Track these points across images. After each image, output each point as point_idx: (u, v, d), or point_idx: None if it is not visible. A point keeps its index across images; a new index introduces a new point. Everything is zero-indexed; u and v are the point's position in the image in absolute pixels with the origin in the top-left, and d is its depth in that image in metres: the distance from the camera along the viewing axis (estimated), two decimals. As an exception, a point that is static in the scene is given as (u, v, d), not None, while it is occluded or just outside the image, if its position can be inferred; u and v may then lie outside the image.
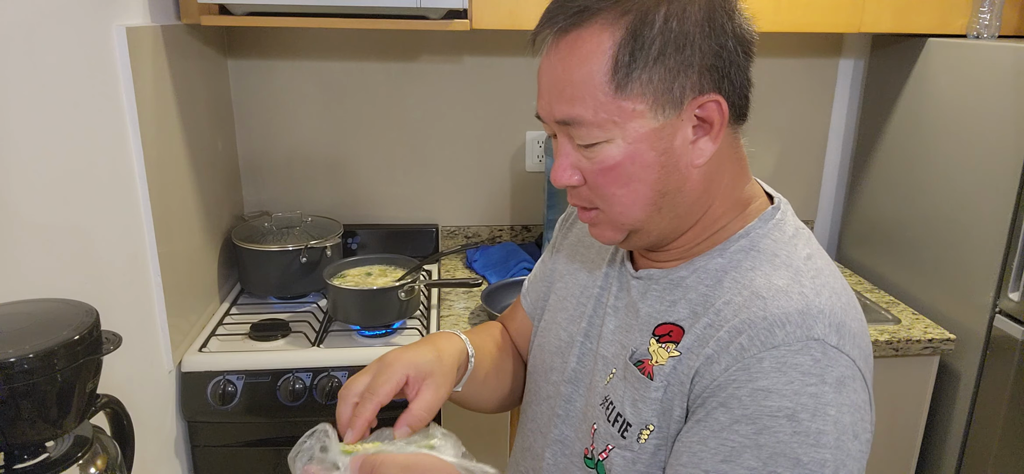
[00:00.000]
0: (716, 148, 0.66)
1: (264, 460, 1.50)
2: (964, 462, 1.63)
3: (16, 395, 0.68)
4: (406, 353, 0.78)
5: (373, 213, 2.01)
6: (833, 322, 0.62)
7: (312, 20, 1.45)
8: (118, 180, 1.21)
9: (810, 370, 0.60)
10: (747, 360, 0.61)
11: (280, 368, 1.44)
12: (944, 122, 1.65)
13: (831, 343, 0.61)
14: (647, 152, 0.65)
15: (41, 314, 0.76)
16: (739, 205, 0.72)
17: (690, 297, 0.70)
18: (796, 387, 0.59)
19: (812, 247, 0.70)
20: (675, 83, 0.63)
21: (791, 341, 0.61)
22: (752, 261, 0.68)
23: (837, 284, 0.67)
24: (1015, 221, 1.46)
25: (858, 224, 2.02)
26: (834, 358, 0.60)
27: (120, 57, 1.21)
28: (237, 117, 1.89)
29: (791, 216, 0.73)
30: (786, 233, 0.70)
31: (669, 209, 0.69)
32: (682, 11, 0.63)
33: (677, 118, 0.65)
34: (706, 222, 0.71)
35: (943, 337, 1.56)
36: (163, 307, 1.36)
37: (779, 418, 0.59)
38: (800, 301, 0.63)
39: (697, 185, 0.68)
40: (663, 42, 0.62)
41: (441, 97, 1.93)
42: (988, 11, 1.63)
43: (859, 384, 0.62)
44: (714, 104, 0.65)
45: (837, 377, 0.60)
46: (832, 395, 0.59)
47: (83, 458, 0.78)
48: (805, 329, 0.61)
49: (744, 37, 0.66)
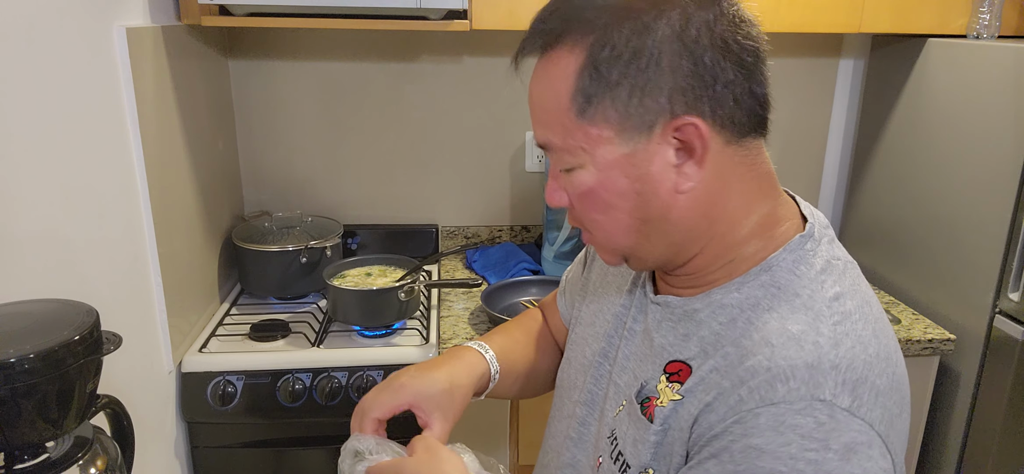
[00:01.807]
0: (703, 173, 0.61)
1: (264, 461, 1.50)
2: (964, 462, 1.63)
3: (16, 395, 0.68)
4: (418, 379, 0.79)
5: (373, 213, 2.01)
6: (848, 379, 0.56)
7: (312, 20, 1.45)
8: (118, 180, 1.21)
9: (811, 434, 0.54)
10: (743, 414, 0.57)
11: (280, 368, 1.44)
12: (944, 122, 1.65)
13: (841, 405, 0.54)
14: (619, 179, 0.62)
15: (41, 314, 0.76)
16: (763, 229, 0.65)
17: (702, 334, 0.65)
18: (793, 451, 0.53)
19: (844, 283, 0.62)
20: (642, 106, 0.59)
21: (793, 399, 0.55)
22: (771, 300, 0.62)
23: (867, 331, 0.59)
24: (1015, 221, 1.46)
25: (858, 224, 2.02)
26: (843, 423, 0.54)
27: (120, 57, 1.21)
28: (237, 117, 1.90)
29: (826, 244, 0.65)
30: (814, 267, 0.63)
31: (658, 236, 0.65)
32: (646, 28, 0.58)
33: (649, 143, 0.60)
34: (719, 249, 0.65)
35: (943, 337, 1.56)
36: (163, 307, 1.36)
37: None
38: (812, 353, 0.57)
39: (688, 211, 0.63)
40: (625, 64, 0.58)
41: (441, 97, 1.93)
42: (988, 11, 1.63)
43: (878, 451, 0.55)
44: (691, 127, 0.59)
45: (845, 444, 0.54)
46: (837, 464, 0.53)
47: (83, 458, 0.78)
48: (811, 387, 0.55)
49: (733, 48, 0.59)
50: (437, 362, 0.82)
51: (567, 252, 1.82)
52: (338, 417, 1.46)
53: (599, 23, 0.59)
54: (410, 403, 0.77)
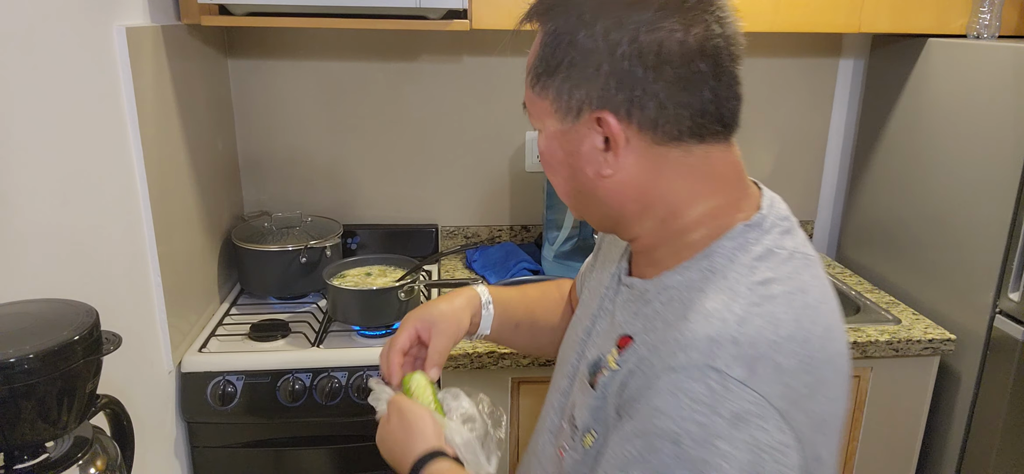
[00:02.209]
0: (623, 163, 0.67)
1: (264, 461, 1.50)
2: (964, 462, 1.63)
3: (16, 395, 0.68)
4: (421, 310, 0.95)
5: (373, 213, 2.01)
6: (746, 354, 0.59)
7: (312, 20, 1.45)
8: (118, 180, 1.21)
9: (701, 398, 0.58)
10: (650, 378, 0.62)
11: (280, 368, 1.44)
12: (944, 122, 1.65)
13: (734, 376, 0.58)
14: (557, 150, 0.71)
15: (41, 314, 0.76)
16: (711, 218, 0.69)
17: (647, 312, 0.71)
18: (685, 413, 0.58)
19: (780, 271, 0.65)
20: (574, 94, 0.66)
21: (689, 367, 0.60)
22: (704, 282, 0.66)
23: (786, 315, 0.62)
24: (1015, 221, 1.46)
25: (858, 224, 2.02)
26: (735, 392, 0.58)
27: (120, 57, 1.21)
28: (237, 117, 1.89)
29: (775, 234, 0.69)
30: (751, 254, 0.67)
31: (592, 207, 0.73)
32: (586, 27, 0.64)
33: (577, 126, 0.67)
34: (663, 233, 0.71)
35: (943, 337, 1.56)
36: (163, 307, 1.36)
37: (664, 440, 0.58)
38: (718, 327, 0.61)
39: (614, 194, 0.69)
40: (564, 53, 0.66)
41: (441, 97, 1.93)
42: (988, 11, 1.63)
43: (772, 425, 0.58)
44: (607, 123, 0.65)
45: (734, 412, 0.57)
46: (725, 428, 0.57)
47: (83, 458, 0.78)
48: (708, 357, 0.59)
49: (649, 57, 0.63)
50: (440, 298, 0.98)
51: (567, 252, 1.82)
52: (338, 417, 1.46)
53: (561, 12, 0.67)
54: (416, 328, 0.93)
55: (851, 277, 1.92)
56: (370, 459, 1.52)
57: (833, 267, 1.99)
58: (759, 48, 1.97)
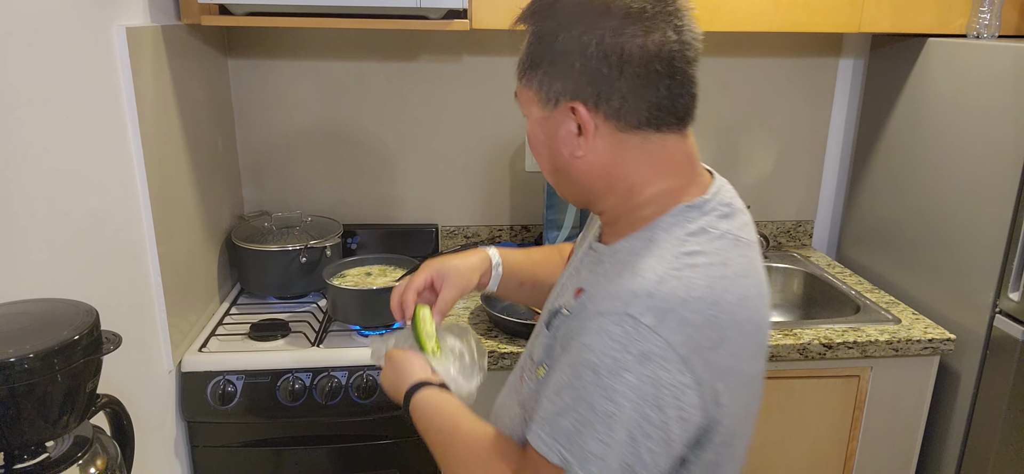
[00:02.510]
0: (592, 146, 0.78)
1: (264, 460, 1.50)
2: (964, 462, 1.63)
3: (16, 395, 0.68)
4: (436, 261, 1.08)
5: (373, 213, 2.01)
6: (658, 306, 0.71)
7: (312, 20, 1.45)
8: (118, 180, 1.21)
9: (617, 338, 0.71)
10: (584, 319, 0.75)
11: (280, 368, 1.44)
12: (944, 122, 1.65)
13: (644, 322, 0.70)
14: (539, 133, 0.83)
15: (41, 314, 0.76)
16: (661, 198, 0.81)
17: (599, 270, 0.83)
18: (604, 349, 0.71)
19: (709, 247, 0.77)
20: (553, 86, 0.78)
21: (611, 312, 0.72)
22: (644, 249, 0.78)
23: (702, 281, 0.73)
24: (1015, 221, 1.46)
25: (858, 224, 2.02)
26: (644, 336, 0.70)
27: (120, 57, 1.21)
28: (237, 117, 1.90)
29: (714, 217, 0.80)
30: (687, 229, 0.78)
31: (567, 183, 0.85)
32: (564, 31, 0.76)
33: (555, 113, 0.79)
34: (622, 208, 0.83)
35: (943, 337, 1.56)
36: (163, 307, 1.36)
37: (587, 369, 0.72)
38: (640, 283, 0.73)
39: (585, 173, 0.81)
40: (547, 52, 0.78)
41: (441, 97, 1.93)
42: (988, 11, 1.63)
43: (674, 367, 0.70)
44: (578, 111, 0.77)
45: (642, 351, 0.70)
46: (633, 364, 0.70)
47: (83, 458, 0.78)
48: (626, 305, 0.72)
49: (613, 57, 0.74)
50: (455, 254, 1.10)
51: (567, 252, 1.82)
52: (338, 417, 1.46)
53: (544, 17, 0.78)
54: (432, 275, 1.07)
55: (851, 277, 1.92)
56: (370, 459, 1.52)
57: (833, 267, 1.99)
58: (759, 48, 1.97)
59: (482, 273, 1.12)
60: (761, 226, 2.12)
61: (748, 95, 2.01)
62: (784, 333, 1.55)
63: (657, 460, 0.72)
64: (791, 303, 1.99)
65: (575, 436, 0.72)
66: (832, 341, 1.52)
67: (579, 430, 0.72)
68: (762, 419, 1.59)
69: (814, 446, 1.63)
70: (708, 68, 2.03)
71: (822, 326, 1.60)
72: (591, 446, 0.71)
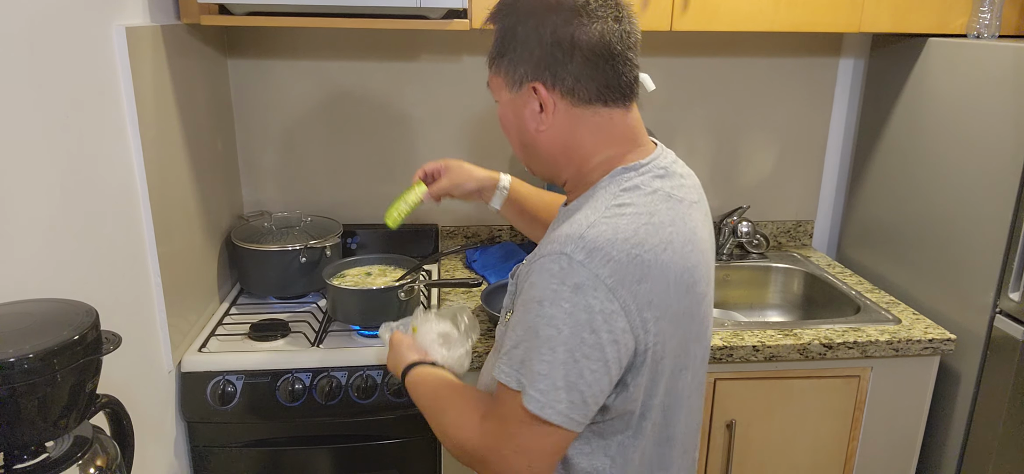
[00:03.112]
0: (552, 121, 0.91)
1: (264, 460, 1.50)
2: (964, 462, 1.63)
3: (16, 395, 0.68)
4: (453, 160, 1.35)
5: (373, 213, 2.01)
6: (587, 246, 0.83)
7: (312, 20, 1.45)
8: (118, 180, 1.21)
9: (554, 274, 0.83)
10: (531, 264, 0.88)
11: (280, 368, 1.44)
12: (944, 122, 1.65)
13: (577, 259, 0.82)
14: (509, 114, 0.96)
15: (41, 314, 0.76)
16: (607, 164, 0.93)
17: (555, 225, 0.95)
18: (545, 283, 0.83)
19: (638, 200, 0.88)
20: (517, 71, 0.91)
21: (550, 254, 0.84)
22: (584, 203, 0.91)
23: (628, 227, 0.85)
24: (1015, 221, 1.46)
25: (858, 224, 2.02)
26: (577, 270, 0.82)
27: (120, 57, 1.21)
28: (237, 117, 1.89)
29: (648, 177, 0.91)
30: (621, 185, 0.90)
31: (534, 157, 0.97)
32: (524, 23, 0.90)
33: (520, 95, 0.92)
34: (578, 175, 0.95)
35: (943, 337, 1.56)
36: (163, 307, 1.36)
37: (533, 303, 0.84)
38: (574, 229, 0.85)
39: (548, 145, 0.94)
40: (511, 43, 0.91)
41: (441, 97, 1.93)
42: (988, 10, 1.63)
43: (602, 295, 0.81)
44: (539, 91, 0.90)
45: (575, 283, 0.81)
46: (568, 294, 0.81)
47: (83, 458, 0.78)
48: (562, 246, 0.84)
49: (565, 44, 0.87)
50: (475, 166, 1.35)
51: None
52: (338, 417, 1.46)
53: (506, 14, 0.92)
54: (442, 164, 1.34)
55: (851, 277, 1.92)
56: (370, 459, 1.52)
57: (833, 267, 1.99)
58: (759, 48, 1.97)
59: (485, 185, 1.33)
60: (761, 226, 2.12)
61: (748, 95, 2.01)
62: (784, 333, 1.55)
63: (598, 378, 0.83)
64: (791, 303, 1.99)
65: (526, 361, 0.84)
66: (832, 341, 1.52)
67: (529, 355, 0.84)
68: (762, 419, 1.59)
69: (814, 446, 1.63)
70: (708, 68, 2.04)
71: (822, 326, 1.60)
72: (538, 367, 0.83)
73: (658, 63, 1.93)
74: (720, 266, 2.00)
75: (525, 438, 0.86)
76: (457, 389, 1.03)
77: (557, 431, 0.85)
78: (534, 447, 0.86)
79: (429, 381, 1.08)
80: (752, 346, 1.51)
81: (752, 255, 2.04)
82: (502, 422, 0.88)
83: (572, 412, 0.84)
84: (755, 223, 2.06)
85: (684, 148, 2.03)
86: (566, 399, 0.83)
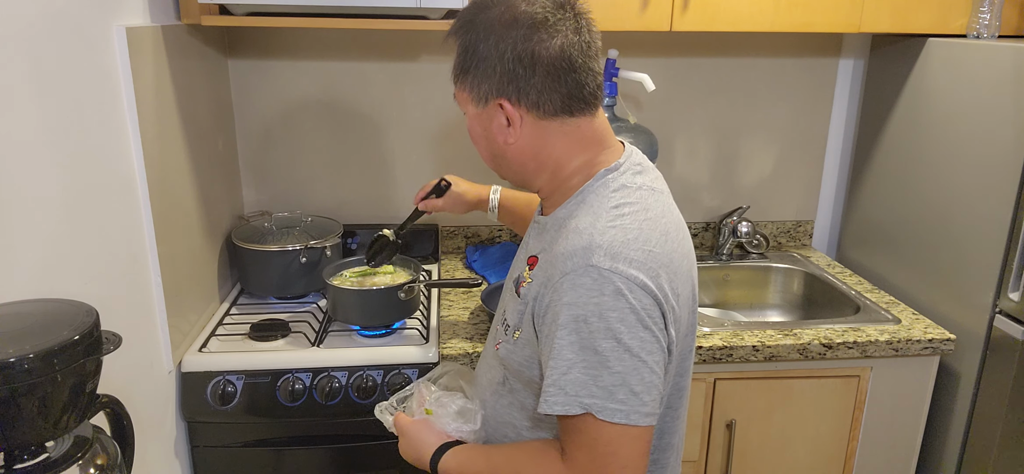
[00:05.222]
0: (519, 134, 0.93)
1: (264, 460, 1.50)
2: (964, 462, 1.63)
3: (16, 395, 0.68)
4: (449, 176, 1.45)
5: (373, 213, 2.01)
6: (610, 252, 0.84)
7: (312, 20, 1.45)
8: (118, 180, 1.21)
9: (590, 287, 0.83)
10: (554, 285, 0.87)
11: (280, 368, 1.44)
12: (944, 122, 1.65)
13: (604, 267, 0.83)
14: (476, 127, 0.98)
15: (41, 314, 0.76)
16: (584, 169, 0.95)
17: (545, 236, 0.97)
18: (584, 300, 0.83)
19: (630, 199, 0.91)
20: (481, 87, 0.92)
21: (576, 269, 0.85)
22: (577, 210, 0.93)
23: (632, 226, 0.87)
24: (1015, 221, 1.46)
25: (858, 224, 2.02)
26: (607, 277, 0.83)
27: (120, 57, 1.21)
28: (237, 117, 1.90)
29: (628, 175, 0.94)
30: (610, 188, 0.92)
31: (505, 166, 0.99)
32: (484, 41, 0.90)
33: (486, 109, 0.94)
34: (554, 182, 0.97)
35: (943, 337, 1.56)
36: (163, 307, 1.36)
37: (579, 322, 0.84)
38: (587, 239, 0.86)
39: (518, 155, 0.95)
40: (474, 59, 0.92)
41: (440, 97, 1.93)
42: (988, 11, 1.63)
43: (639, 293, 0.84)
44: (505, 106, 0.91)
45: (614, 289, 0.83)
46: (611, 302, 0.83)
47: (83, 458, 0.78)
48: (585, 259, 0.84)
49: (526, 60, 0.88)
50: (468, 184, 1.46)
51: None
52: (338, 417, 1.46)
53: (467, 31, 0.92)
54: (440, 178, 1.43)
55: (851, 277, 1.92)
56: (370, 459, 1.52)
57: (833, 267, 1.99)
58: (759, 48, 1.97)
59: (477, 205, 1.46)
60: (761, 226, 2.12)
61: (748, 95, 2.01)
62: (784, 333, 1.55)
63: (661, 368, 0.86)
64: (791, 303, 1.99)
65: (589, 382, 0.83)
66: (832, 341, 1.53)
67: (592, 375, 0.83)
68: (762, 419, 1.59)
69: (814, 446, 1.63)
70: (709, 68, 2.04)
71: (822, 326, 1.60)
72: (610, 379, 0.83)
73: (658, 63, 1.93)
74: (720, 266, 2.00)
75: (623, 452, 0.85)
76: (515, 451, 0.98)
77: (647, 432, 0.86)
78: (632, 455, 0.85)
79: (477, 459, 1.01)
80: (752, 346, 1.51)
81: (752, 255, 2.04)
82: (591, 449, 0.86)
83: (654, 407, 0.85)
84: (755, 223, 2.06)
85: (684, 148, 2.03)
86: (647, 398, 0.84)
